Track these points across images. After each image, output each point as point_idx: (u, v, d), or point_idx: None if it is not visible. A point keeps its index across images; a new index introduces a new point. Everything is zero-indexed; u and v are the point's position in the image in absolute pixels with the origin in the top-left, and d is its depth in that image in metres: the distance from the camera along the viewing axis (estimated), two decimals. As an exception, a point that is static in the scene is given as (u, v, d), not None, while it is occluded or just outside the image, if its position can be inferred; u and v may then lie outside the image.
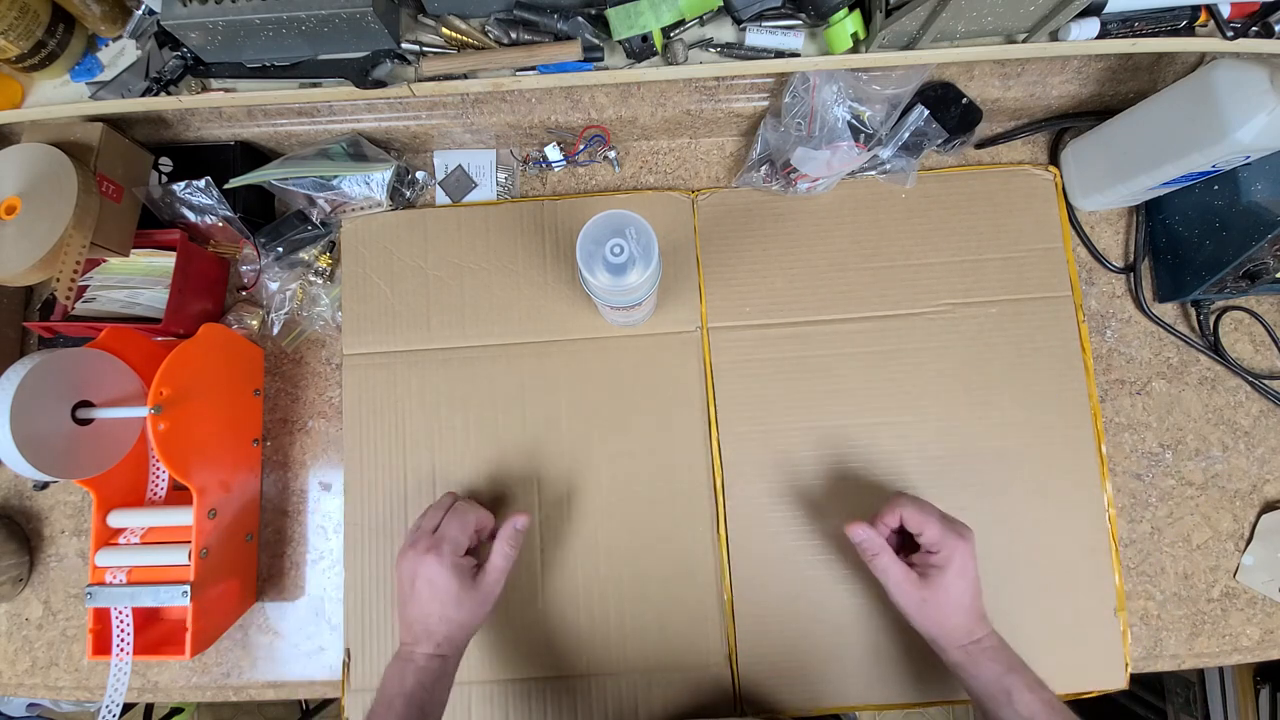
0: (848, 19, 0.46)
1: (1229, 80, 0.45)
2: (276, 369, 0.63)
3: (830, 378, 0.59)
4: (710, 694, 0.55)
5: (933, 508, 0.48)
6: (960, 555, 0.46)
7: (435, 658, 0.46)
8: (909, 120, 0.56)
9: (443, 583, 0.46)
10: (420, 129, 0.60)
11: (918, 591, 0.46)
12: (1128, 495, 0.59)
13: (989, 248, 0.60)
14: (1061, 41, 0.47)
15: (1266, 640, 0.57)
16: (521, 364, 0.60)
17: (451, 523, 0.49)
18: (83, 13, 0.49)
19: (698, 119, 0.60)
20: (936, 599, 0.46)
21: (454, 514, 0.50)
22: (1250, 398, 0.60)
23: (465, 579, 0.47)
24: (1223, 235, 0.54)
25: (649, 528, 0.57)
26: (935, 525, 0.46)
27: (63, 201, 0.49)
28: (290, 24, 0.44)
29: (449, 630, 0.46)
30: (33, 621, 0.60)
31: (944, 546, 0.46)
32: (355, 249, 0.62)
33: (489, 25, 0.49)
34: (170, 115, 0.58)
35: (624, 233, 0.43)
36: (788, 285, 0.60)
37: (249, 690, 0.59)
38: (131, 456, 0.56)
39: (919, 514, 0.47)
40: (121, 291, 0.57)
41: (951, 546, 0.46)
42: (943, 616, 0.46)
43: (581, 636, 0.56)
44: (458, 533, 0.49)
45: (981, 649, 0.45)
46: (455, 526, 0.49)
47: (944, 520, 0.47)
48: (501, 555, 0.49)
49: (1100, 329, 0.61)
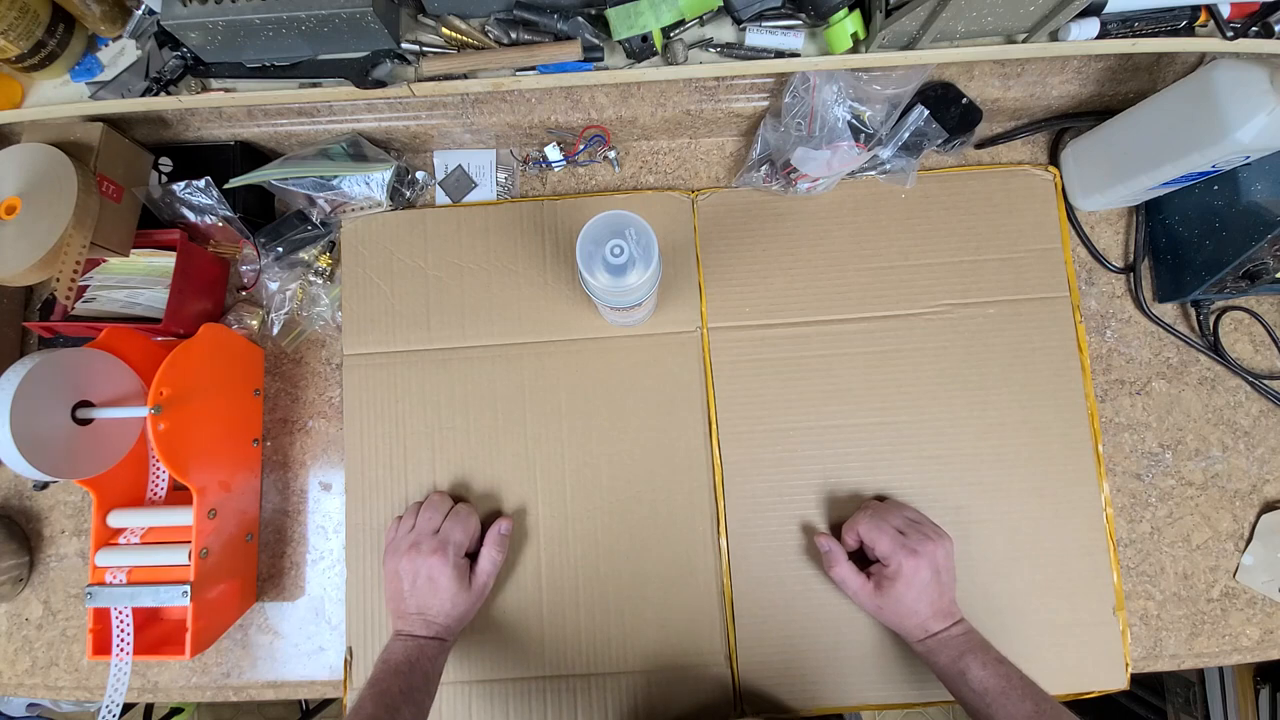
0: (848, 19, 0.46)
1: (1229, 80, 0.45)
2: (276, 369, 0.63)
3: (830, 378, 0.59)
4: (710, 693, 0.55)
5: (889, 523, 0.52)
6: (909, 568, 0.49)
7: (435, 639, 0.50)
8: (909, 120, 0.56)
9: (445, 582, 0.50)
10: (420, 129, 0.60)
11: (872, 599, 0.51)
12: (1128, 495, 0.59)
13: (988, 248, 0.60)
14: (1061, 41, 0.47)
15: (1266, 640, 0.57)
16: (521, 364, 0.60)
17: (455, 528, 0.53)
18: (83, 13, 0.49)
19: (698, 119, 0.60)
20: (890, 606, 0.50)
21: (455, 519, 0.54)
22: (1250, 398, 0.60)
23: (464, 579, 0.52)
24: (1223, 235, 0.54)
25: (649, 527, 0.57)
26: (886, 540, 0.50)
27: (63, 201, 0.49)
28: (290, 24, 0.44)
29: (447, 622, 0.50)
30: (33, 621, 0.60)
31: (893, 560, 0.50)
32: (355, 249, 0.62)
33: (489, 25, 0.49)
34: (170, 115, 0.58)
35: (624, 233, 0.43)
36: (787, 285, 0.60)
37: (249, 690, 0.59)
38: (131, 456, 0.56)
39: (873, 528, 0.52)
40: (121, 291, 0.57)
41: (899, 561, 0.49)
42: (898, 619, 0.50)
43: (581, 636, 0.56)
44: (461, 537, 0.53)
45: (939, 640, 0.48)
46: (459, 531, 0.53)
47: (896, 536, 0.51)
48: (489, 559, 0.54)
49: (1100, 329, 0.61)
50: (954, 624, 0.49)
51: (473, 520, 0.55)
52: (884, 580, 0.50)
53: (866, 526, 0.52)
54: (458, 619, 0.51)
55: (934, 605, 0.49)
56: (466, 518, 0.55)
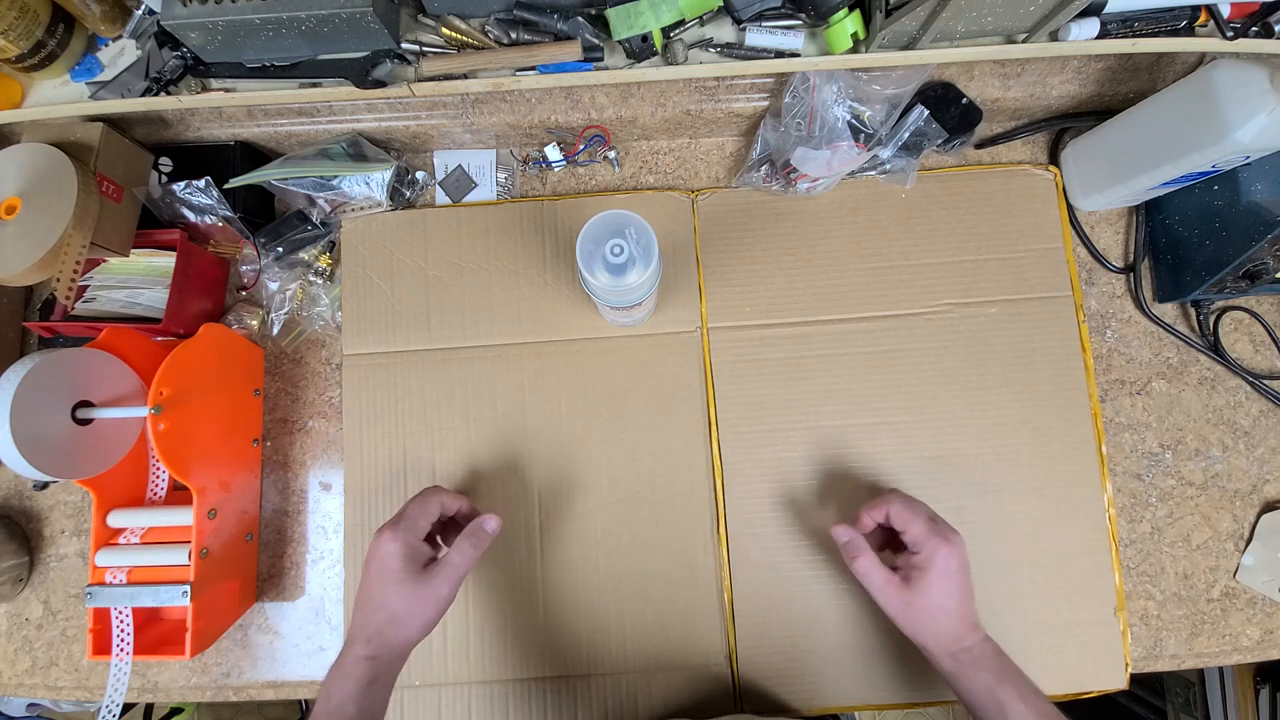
0: (848, 19, 0.46)
1: (1229, 80, 0.45)
2: (276, 369, 0.63)
3: (830, 377, 0.59)
4: (710, 693, 0.55)
5: (923, 508, 0.48)
6: (943, 557, 0.44)
7: (363, 660, 0.41)
8: (909, 120, 0.56)
9: (391, 562, 0.43)
10: (420, 129, 0.60)
11: (900, 595, 0.45)
12: (1128, 495, 0.59)
13: (989, 248, 0.60)
14: (1061, 41, 0.47)
15: (1266, 640, 0.57)
16: (521, 364, 0.60)
17: (412, 504, 0.47)
18: (83, 13, 0.49)
19: (698, 119, 0.60)
20: (920, 603, 0.45)
21: (418, 497, 0.48)
22: (1250, 398, 0.60)
23: (412, 565, 0.44)
24: (1223, 235, 0.54)
25: (649, 527, 0.57)
26: (920, 524, 0.46)
27: (63, 201, 0.49)
28: (290, 24, 0.44)
29: (381, 622, 0.42)
30: (33, 621, 0.60)
31: (926, 546, 0.45)
32: (355, 249, 0.62)
33: (489, 25, 0.49)
34: (170, 115, 0.58)
35: (624, 233, 0.43)
36: (787, 285, 0.60)
37: (249, 690, 0.59)
38: (131, 456, 0.56)
39: (906, 511, 0.47)
40: (121, 291, 0.57)
41: (934, 547, 0.45)
42: (927, 619, 0.45)
43: (581, 636, 0.56)
44: (415, 513, 0.46)
45: (972, 658, 0.44)
46: (414, 506, 0.47)
47: (931, 520, 0.46)
48: (460, 552, 0.45)
49: (1100, 329, 0.61)
50: (982, 638, 0.45)
51: (435, 499, 0.47)
52: (913, 572, 0.45)
53: (899, 508, 0.47)
54: (393, 618, 0.42)
55: (962, 607, 0.45)
56: (428, 497, 0.47)
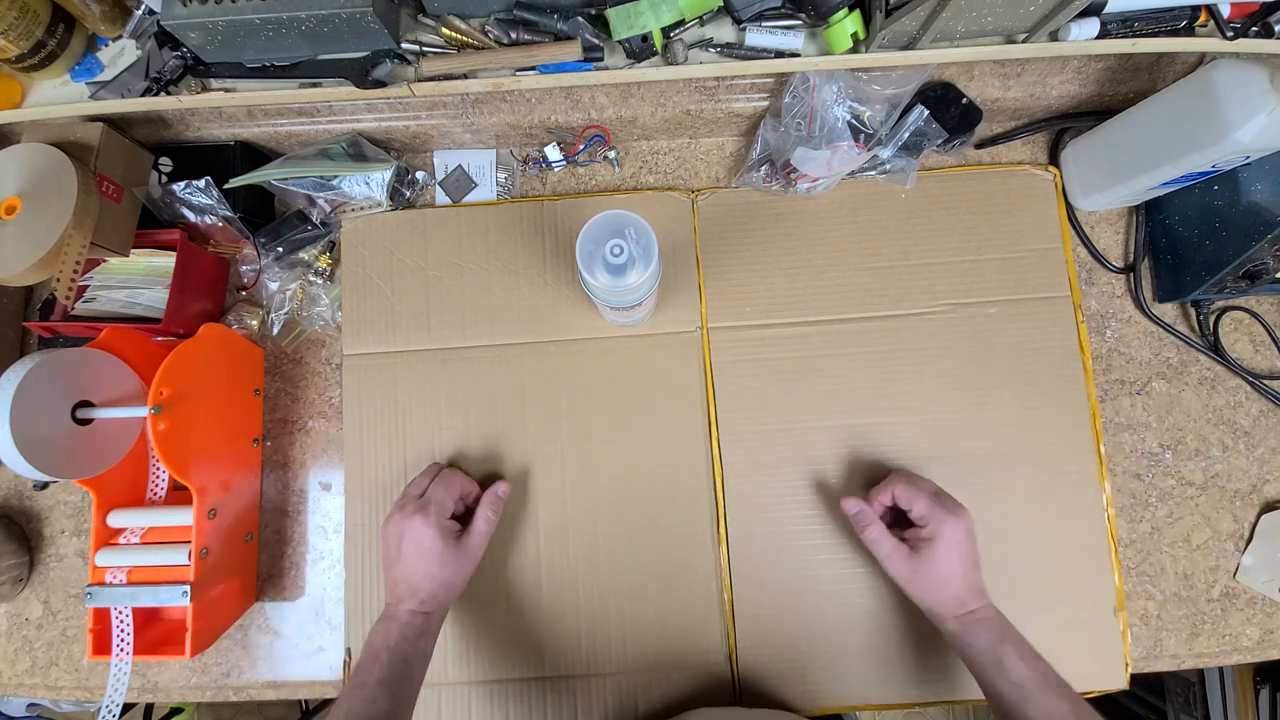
0: (848, 19, 0.46)
1: (1229, 80, 0.45)
2: (276, 369, 0.63)
3: (830, 378, 0.59)
4: (710, 693, 0.55)
5: (927, 484, 0.51)
6: (949, 529, 0.47)
7: (419, 614, 0.47)
8: (909, 120, 0.56)
9: (429, 544, 0.49)
10: (420, 129, 0.60)
11: (907, 563, 0.48)
12: (1128, 495, 0.59)
13: (989, 248, 0.60)
14: (1061, 41, 0.47)
15: (1266, 640, 0.57)
16: (521, 364, 0.60)
17: (438, 488, 0.52)
18: (83, 13, 0.49)
19: (698, 119, 0.60)
20: (926, 570, 0.47)
21: (440, 480, 0.53)
22: (1250, 398, 0.60)
23: (450, 540, 0.50)
24: (1223, 235, 0.54)
25: (649, 527, 0.57)
26: (925, 500, 0.48)
27: (63, 201, 0.49)
28: (290, 24, 0.44)
29: (433, 589, 0.48)
30: (33, 621, 0.60)
31: (931, 520, 0.48)
32: (355, 249, 0.62)
33: (489, 25, 0.49)
34: (170, 115, 0.58)
35: (624, 233, 0.43)
36: (788, 285, 0.60)
37: (249, 690, 0.59)
38: (131, 456, 0.56)
39: (910, 489, 0.50)
40: (121, 291, 0.57)
41: (939, 520, 0.47)
42: (933, 586, 0.48)
43: (581, 636, 0.56)
44: (444, 496, 0.51)
45: (976, 619, 0.46)
46: (441, 490, 0.52)
47: (934, 496, 0.49)
48: (484, 519, 0.52)
49: (1100, 329, 0.61)
50: (986, 604, 0.47)
51: (458, 481, 0.53)
52: (920, 543, 0.48)
53: (902, 488, 0.50)
54: (444, 584, 0.49)
55: (968, 575, 0.47)
56: (450, 479, 0.53)
